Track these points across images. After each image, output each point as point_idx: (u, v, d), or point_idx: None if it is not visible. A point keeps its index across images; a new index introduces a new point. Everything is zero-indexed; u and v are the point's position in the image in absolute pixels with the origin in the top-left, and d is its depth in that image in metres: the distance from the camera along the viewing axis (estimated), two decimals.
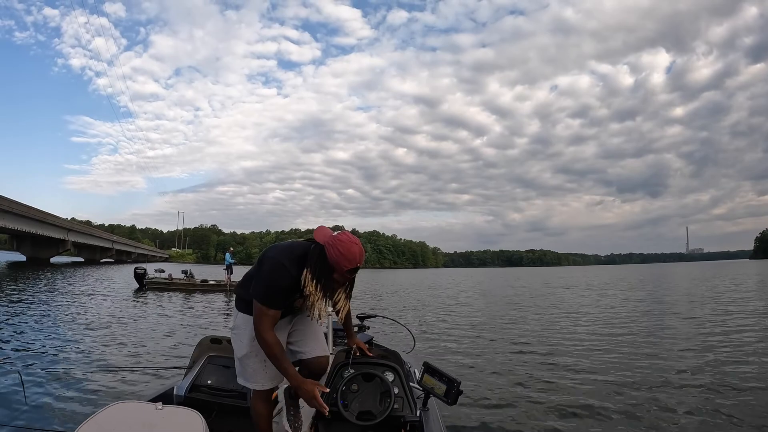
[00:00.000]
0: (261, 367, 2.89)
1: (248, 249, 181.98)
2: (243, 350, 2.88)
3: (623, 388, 6.34)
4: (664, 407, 5.56)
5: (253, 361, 2.87)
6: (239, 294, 2.95)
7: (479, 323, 13.68)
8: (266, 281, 2.67)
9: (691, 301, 18.71)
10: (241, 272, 16.79)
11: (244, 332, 2.87)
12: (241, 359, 2.90)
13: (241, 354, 2.89)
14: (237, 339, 2.91)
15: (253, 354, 2.86)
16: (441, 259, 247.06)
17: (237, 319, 2.91)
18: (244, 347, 2.87)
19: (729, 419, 5.07)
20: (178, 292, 23.86)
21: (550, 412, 5.53)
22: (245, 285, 2.91)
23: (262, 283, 2.67)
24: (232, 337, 2.94)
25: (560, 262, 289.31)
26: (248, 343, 2.84)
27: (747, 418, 5.09)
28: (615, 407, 5.58)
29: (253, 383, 2.89)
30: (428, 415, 3.16)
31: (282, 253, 2.73)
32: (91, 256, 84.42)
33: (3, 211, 43.93)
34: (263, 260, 2.76)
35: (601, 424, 5.15)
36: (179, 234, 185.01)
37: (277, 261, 2.68)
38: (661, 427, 4.96)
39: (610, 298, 22.32)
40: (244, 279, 3.01)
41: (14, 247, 64.81)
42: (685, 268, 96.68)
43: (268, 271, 2.67)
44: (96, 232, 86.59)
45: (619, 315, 15.10)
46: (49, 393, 5.61)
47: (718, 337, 10.17)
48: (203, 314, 14.73)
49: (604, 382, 6.70)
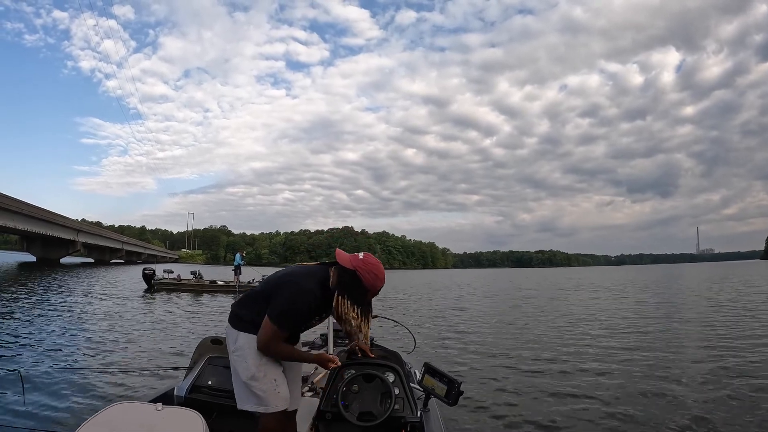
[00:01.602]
0: (272, 387, 2.75)
1: (258, 250, 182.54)
2: (249, 372, 2.72)
3: (627, 393, 6.26)
4: (668, 413, 5.52)
5: (262, 383, 2.72)
6: (239, 314, 2.86)
7: (480, 324, 13.66)
8: (288, 305, 2.68)
9: (712, 306, 17.70)
10: (250, 273, 16.85)
11: (248, 352, 2.74)
12: (247, 382, 2.72)
13: (248, 376, 2.72)
14: (241, 360, 2.75)
15: (261, 374, 2.73)
16: (450, 259, 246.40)
17: (239, 340, 2.78)
18: (250, 368, 2.72)
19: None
20: (187, 292, 23.87)
21: (550, 413, 5.51)
22: (247, 305, 2.87)
23: (284, 306, 2.68)
24: (235, 360, 2.78)
25: (570, 262, 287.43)
26: (255, 363, 2.72)
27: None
28: (617, 410, 5.54)
29: (265, 406, 2.72)
30: (429, 416, 3.16)
31: (306, 279, 2.75)
32: (100, 257, 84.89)
33: (13, 212, 44.28)
34: (283, 284, 2.74)
35: (602, 425, 5.13)
36: (189, 235, 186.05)
37: (303, 287, 2.70)
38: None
39: (618, 301, 22.18)
40: (247, 299, 2.94)
41: (24, 248, 65.29)
42: (696, 268, 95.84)
43: (292, 294, 2.68)
44: (106, 232, 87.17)
45: (628, 318, 15.00)
46: (49, 393, 5.64)
47: (741, 342, 9.78)
48: (210, 315, 14.75)
49: (607, 385, 6.64)
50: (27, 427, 4.35)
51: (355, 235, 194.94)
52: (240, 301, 2.97)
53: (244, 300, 2.96)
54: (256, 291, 2.94)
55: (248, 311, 2.83)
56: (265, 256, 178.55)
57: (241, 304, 2.93)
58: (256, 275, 26.98)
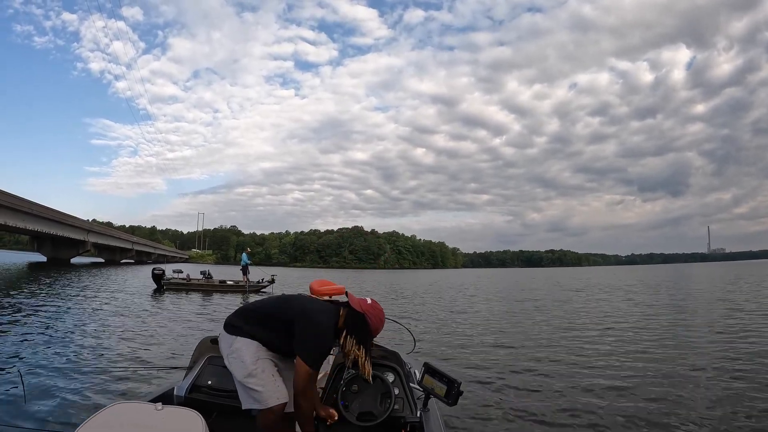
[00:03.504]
0: (271, 381, 2.83)
1: (268, 250, 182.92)
2: (246, 369, 2.81)
3: (629, 394, 6.23)
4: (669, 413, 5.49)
5: (260, 378, 2.80)
6: (236, 324, 2.97)
7: (481, 324, 13.61)
8: (318, 347, 2.87)
9: (728, 308, 16.84)
10: (257, 273, 16.82)
11: (245, 352, 2.85)
12: (245, 380, 2.80)
13: (245, 374, 2.80)
14: (237, 360, 2.85)
15: (259, 370, 2.82)
16: (460, 259, 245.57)
17: (235, 343, 2.89)
18: (247, 366, 2.81)
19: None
20: (196, 292, 23.88)
21: (551, 413, 5.50)
22: (244, 318, 3.00)
23: (315, 348, 2.86)
24: (231, 362, 2.87)
25: (580, 262, 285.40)
26: (251, 360, 2.83)
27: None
28: (618, 411, 5.52)
29: (266, 401, 2.78)
30: (428, 416, 3.17)
31: (326, 318, 2.93)
32: (111, 257, 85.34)
33: (23, 213, 44.63)
34: (306, 326, 2.86)
35: (603, 425, 5.11)
36: (199, 235, 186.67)
37: (325, 327, 2.91)
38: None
39: (626, 302, 22.01)
40: (245, 313, 3.05)
41: (35, 248, 65.60)
42: (707, 268, 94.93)
43: (318, 336, 2.87)
44: (116, 233, 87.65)
45: (633, 319, 14.92)
46: (49, 393, 5.64)
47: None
48: (216, 315, 14.66)
49: (609, 386, 6.61)
50: (27, 427, 4.37)
51: (365, 235, 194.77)
52: (237, 313, 3.07)
53: (241, 312, 3.07)
54: (255, 307, 3.09)
55: (245, 323, 2.95)
56: (275, 256, 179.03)
57: (239, 316, 3.04)
58: (264, 275, 27.10)
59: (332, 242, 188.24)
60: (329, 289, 3.62)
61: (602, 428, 5.04)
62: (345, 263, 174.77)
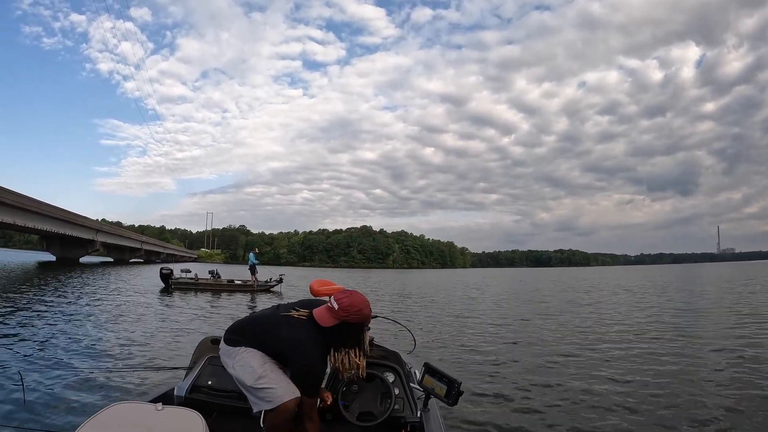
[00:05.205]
0: (282, 378, 2.86)
1: (277, 249, 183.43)
2: (256, 373, 2.82)
3: (631, 395, 6.17)
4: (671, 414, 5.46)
5: (270, 377, 2.83)
6: (234, 337, 2.99)
7: (481, 324, 13.57)
8: (314, 379, 2.88)
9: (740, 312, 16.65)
10: (266, 273, 16.81)
11: (250, 359, 2.86)
12: (255, 384, 2.82)
13: (255, 378, 2.82)
14: (245, 367, 2.86)
15: (268, 371, 2.84)
16: (469, 259, 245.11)
17: (239, 354, 2.90)
18: (256, 370, 2.83)
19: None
20: (204, 292, 23.93)
21: (551, 414, 5.49)
22: (242, 333, 3.00)
23: (315, 382, 2.89)
24: (238, 370, 2.88)
25: (589, 262, 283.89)
26: (259, 364, 2.84)
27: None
28: (619, 412, 5.50)
29: (280, 397, 2.80)
30: (429, 416, 3.16)
31: (317, 344, 2.87)
32: (120, 256, 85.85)
33: (32, 213, 44.99)
34: (296, 356, 2.85)
35: (604, 426, 5.09)
36: (208, 234, 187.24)
37: (317, 358, 2.86)
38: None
39: (635, 303, 21.89)
40: (242, 328, 3.06)
41: (44, 248, 66.11)
42: (717, 268, 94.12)
43: (312, 368, 2.85)
44: (125, 232, 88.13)
45: (639, 320, 14.84)
46: (49, 393, 5.65)
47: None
48: (222, 315, 14.69)
49: (610, 387, 6.57)
50: (27, 427, 4.39)
51: (374, 235, 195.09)
52: (234, 330, 3.07)
53: (237, 329, 3.07)
54: (250, 324, 3.10)
55: (243, 338, 2.96)
56: (283, 256, 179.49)
57: (235, 332, 3.04)
58: (271, 274, 27.21)
59: (341, 242, 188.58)
60: (329, 289, 3.59)
61: (604, 428, 5.03)
62: (354, 263, 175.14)
